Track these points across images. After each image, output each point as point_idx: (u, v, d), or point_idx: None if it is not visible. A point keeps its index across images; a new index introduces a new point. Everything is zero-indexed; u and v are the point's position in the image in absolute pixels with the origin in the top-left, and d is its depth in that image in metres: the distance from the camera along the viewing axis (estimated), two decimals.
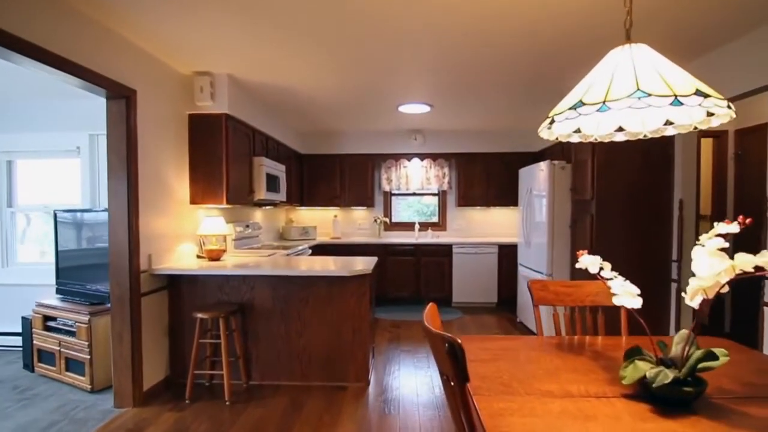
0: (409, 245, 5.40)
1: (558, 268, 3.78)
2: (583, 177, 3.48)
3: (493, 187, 5.64)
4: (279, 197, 4.50)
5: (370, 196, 5.72)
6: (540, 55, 3.08)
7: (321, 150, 5.77)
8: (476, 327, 4.49)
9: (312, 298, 2.97)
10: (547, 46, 2.94)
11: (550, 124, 1.41)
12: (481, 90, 3.83)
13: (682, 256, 3.16)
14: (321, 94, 3.98)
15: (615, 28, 2.74)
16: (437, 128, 5.56)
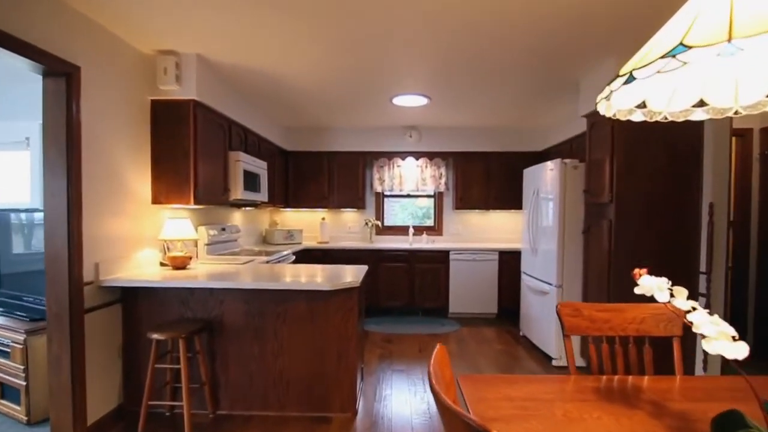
0: (402, 251, 4.99)
1: (569, 279, 3.39)
2: (599, 178, 3.10)
3: (493, 188, 5.26)
4: (260, 197, 4.06)
5: (360, 197, 5.31)
6: (551, 43, 2.72)
7: (308, 147, 5.34)
8: (475, 342, 4.10)
9: (291, 315, 2.54)
10: (559, 34, 2.56)
11: (608, 95, 1.01)
12: (483, 81, 3.45)
13: (712, 267, 2.79)
14: (307, 83, 3.56)
15: (635, 15, 2.40)
16: (433, 124, 5.16)
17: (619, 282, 2.91)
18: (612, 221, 2.93)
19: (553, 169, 3.48)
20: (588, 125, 3.30)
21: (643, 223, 2.91)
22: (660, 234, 2.90)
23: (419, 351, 3.79)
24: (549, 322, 3.49)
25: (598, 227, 3.11)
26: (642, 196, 2.91)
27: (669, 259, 2.91)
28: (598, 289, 3.10)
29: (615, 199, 2.91)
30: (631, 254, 2.92)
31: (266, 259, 3.51)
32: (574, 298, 3.39)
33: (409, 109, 4.35)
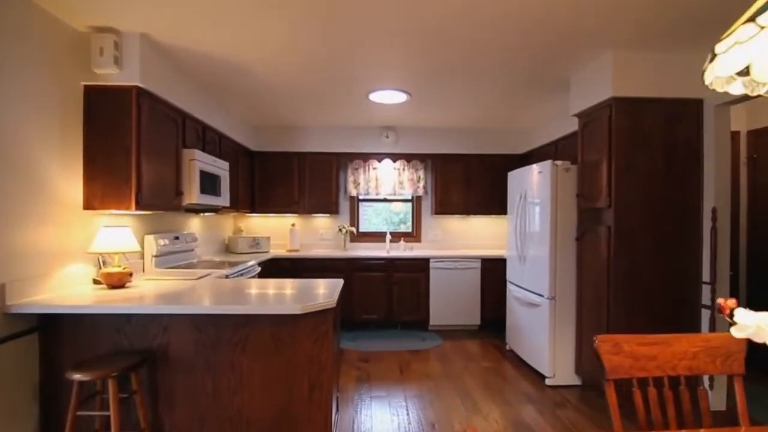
0: (379, 259, 4.64)
1: (562, 290, 3.14)
2: (594, 181, 2.86)
3: (473, 192, 5.00)
4: (220, 202, 3.61)
5: (334, 201, 4.92)
6: (541, 36, 2.47)
7: (277, 147, 4.91)
8: (461, 358, 3.78)
9: (252, 342, 2.13)
10: (550, 25, 2.31)
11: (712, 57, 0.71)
12: (467, 77, 3.16)
13: (716, 277, 2.59)
14: (275, 75, 3.16)
15: (635, 3, 2.18)
16: (412, 125, 4.85)
17: (619, 293, 2.67)
18: (611, 227, 2.69)
19: (542, 171, 3.23)
20: (580, 125, 3.07)
21: (642, 229, 2.68)
22: (659, 240, 2.69)
23: (400, 372, 3.43)
24: (541, 337, 3.22)
25: (594, 234, 2.87)
26: (641, 200, 2.68)
27: (669, 268, 2.70)
28: (595, 301, 2.85)
29: (614, 204, 2.67)
30: (631, 263, 2.68)
31: (226, 273, 3.07)
32: (568, 311, 3.14)
33: (387, 106, 4.01)
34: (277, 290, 2.36)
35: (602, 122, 2.76)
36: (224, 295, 2.23)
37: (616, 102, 2.66)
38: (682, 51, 2.63)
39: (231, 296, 2.20)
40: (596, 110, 2.84)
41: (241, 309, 1.97)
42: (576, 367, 3.13)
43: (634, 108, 2.67)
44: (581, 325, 3.05)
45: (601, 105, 2.77)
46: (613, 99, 2.65)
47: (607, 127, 2.71)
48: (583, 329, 3.03)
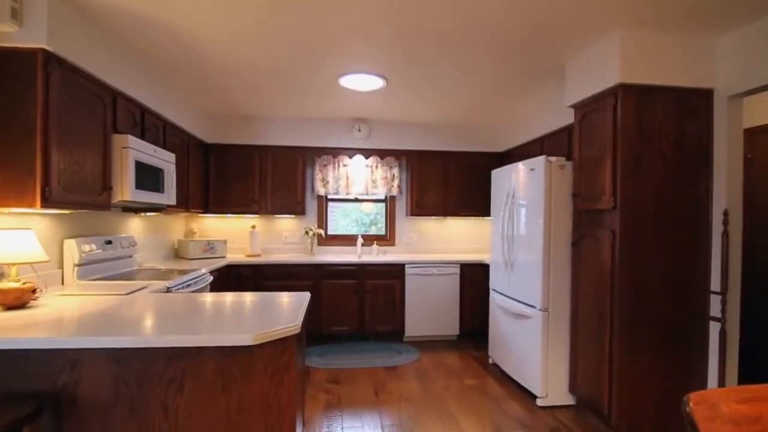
0: (350, 265, 4.20)
1: (556, 301, 2.83)
2: (595, 179, 2.57)
3: (451, 192, 4.66)
4: (163, 199, 3.06)
5: (300, 201, 4.44)
6: (533, 15, 2.15)
7: (235, 139, 4.37)
8: (441, 375, 3.41)
9: (191, 379, 1.65)
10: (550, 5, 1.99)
11: None
12: (451, 63, 2.80)
13: (727, 286, 2.35)
14: (232, 51, 2.67)
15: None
16: (386, 117, 4.46)
17: (624, 305, 2.38)
18: (616, 232, 2.40)
19: (534, 168, 2.92)
20: (577, 117, 2.78)
21: (651, 234, 2.41)
22: (667, 246, 2.42)
23: (375, 394, 3.02)
24: (532, 353, 2.90)
25: (594, 238, 2.58)
26: (650, 201, 2.41)
27: (676, 276, 2.44)
28: (595, 314, 2.56)
29: (620, 205, 2.38)
30: (638, 271, 2.40)
31: (168, 284, 2.54)
32: (563, 324, 2.84)
33: (360, 94, 3.59)
34: (227, 309, 1.88)
35: (606, 113, 2.47)
36: (158, 318, 1.73)
37: (624, 90, 2.37)
38: (697, 33, 2.38)
39: (166, 319, 1.71)
40: (598, 99, 2.55)
41: (172, 340, 1.49)
42: (570, 385, 2.83)
43: (642, 97, 2.39)
44: (576, 339, 2.76)
45: (605, 93, 2.48)
46: (621, 86, 2.36)
47: (611, 119, 2.42)
48: (579, 344, 2.73)
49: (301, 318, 1.73)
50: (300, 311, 1.82)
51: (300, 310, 1.85)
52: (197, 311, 1.84)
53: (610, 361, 2.43)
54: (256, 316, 1.74)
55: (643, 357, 2.41)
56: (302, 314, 1.80)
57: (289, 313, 1.80)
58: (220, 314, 1.79)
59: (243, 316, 1.75)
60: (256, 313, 1.80)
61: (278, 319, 1.68)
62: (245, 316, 1.75)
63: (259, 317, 1.73)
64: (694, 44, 2.42)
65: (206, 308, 1.90)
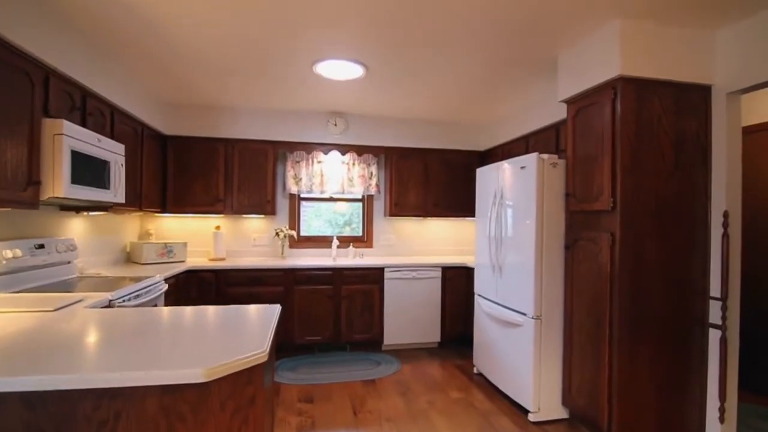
0: (325, 269, 3.90)
1: (550, 308, 2.64)
2: (591, 178, 2.39)
3: (432, 192, 4.44)
4: (108, 196, 2.66)
5: (269, 199, 4.09)
6: (530, 11, 1.97)
7: (198, 131, 3.97)
8: (424, 388, 3.17)
9: (128, 422, 1.31)
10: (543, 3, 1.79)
11: None
12: (436, 52, 2.57)
13: (728, 291, 2.22)
14: (194, 32, 2.32)
15: None
16: (364, 111, 4.18)
17: (624, 312, 2.21)
18: (615, 234, 2.22)
19: (525, 166, 2.72)
20: (571, 112, 2.60)
21: (651, 237, 2.25)
22: (665, 249, 2.27)
23: (354, 414, 2.73)
24: (523, 364, 2.70)
25: (591, 242, 2.40)
26: (649, 202, 2.25)
27: (675, 281, 2.29)
28: (592, 321, 2.38)
29: (620, 206, 2.20)
30: (638, 276, 2.23)
31: (110, 297, 2.16)
32: (557, 333, 2.65)
33: (337, 84, 3.30)
34: (178, 330, 1.55)
35: (603, 108, 2.30)
36: (87, 345, 1.38)
37: (624, 83, 2.20)
38: (696, 26, 2.25)
39: (97, 347, 1.37)
40: (595, 93, 2.37)
41: (96, 380, 1.15)
42: (563, 397, 2.64)
43: (641, 91, 2.23)
44: (570, 348, 2.58)
45: (603, 87, 2.31)
46: (621, 79, 2.19)
47: (610, 114, 2.25)
48: (573, 353, 2.55)
49: (270, 340, 1.43)
50: (268, 331, 1.51)
51: (268, 329, 1.55)
52: (140, 333, 1.50)
53: (610, 372, 2.26)
54: (213, 340, 1.43)
55: (643, 366, 2.25)
56: (271, 334, 1.50)
57: (254, 333, 1.49)
58: (169, 337, 1.46)
59: (197, 340, 1.43)
60: (213, 335, 1.48)
61: (240, 344, 1.37)
62: (200, 340, 1.43)
63: (218, 340, 1.42)
64: (693, 37, 2.28)
65: (152, 329, 1.56)
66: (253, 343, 1.37)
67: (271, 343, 1.45)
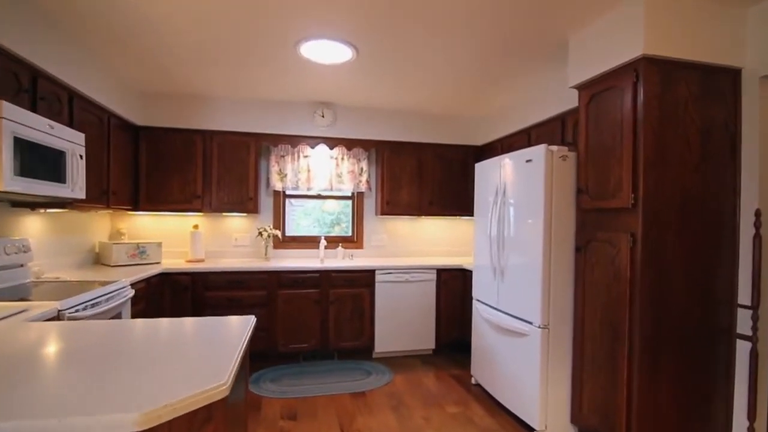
0: (311, 272, 3.61)
1: (559, 317, 2.40)
2: (608, 172, 2.15)
3: (427, 189, 4.18)
4: (64, 191, 2.35)
5: (252, 197, 3.79)
6: None
7: (173, 121, 3.66)
8: (419, 402, 2.91)
9: None
10: None
11: None
12: (433, 32, 2.30)
13: (759, 299, 2.00)
14: (165, 8, 2.03)
15: None
16: (354, 101, 3.90)
17: (646, 323, 1.97)
18: (636, 235, 1.98)
19: (532, 159, 2.47)
20: (583, 99, 2.36)
21: (673, 237, 2.02)
22: (690, 251, 2.04)
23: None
24: (529, 377, 2.45)
25: (608, 243, 2.16)
26: (674, 198, 2.01)
27: (699, 286, 2.06)
28: (608, 333, 2.14)
29: (642, 203, 1.96)
30: (662, 282, 2.00)
31: (59, 307, 1.86)
32: (566, 342, 2.41)
33: (325, 69, 3.02)
34: (123, 353, 1.26)
35: (623, 93, 2.06)
36: (4, 376, 1.09)
37: (647, 64, 1.96)
38: (727, 2, 2.02)
39: (16, 378, 1.07)
40: (613, 77, 2.13)
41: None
42: (572, 415, 2.41)
43: (666, 73, 1.99)
44: (581, 361, 2.34)
45: (623, 69, 2.07)
46: (644, 59, 1.95)
47: (631, 99, 2.00)
48: (584, 366, 2.31)
49: (236, 364, 1.15)
50: (235, 353, 1.24)
51: (236, 349, 1.27)
52: (74, 359, 1.20)
53: (628, 388, 2.02)
54: (164, 367, 1.14)
55: (664, 382, 2.02)
56: (239, 356, 1.22)
57: (218, 356, 1.21)
58: (109, 364, 1.17)
59: (143, 368, 1.14)
60: (166, 360, 1.19)
61: (199, 371, 1.09)
62: (147, 367, 1.14)
63: (170, 368, 1.13)
64: (722, 15, 2.05)
65: (91, 353, 1.27)
66: (215, 371, 1.09)
67: (238, 364, 1.17)
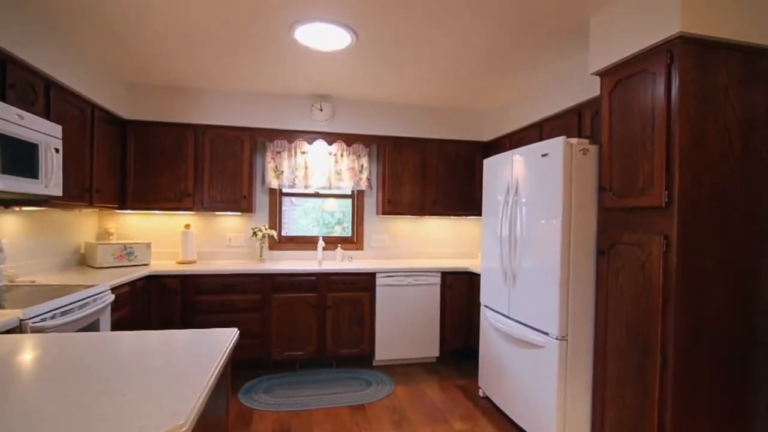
0: (308, 274, 3.40)
1: (578, 327, 2.17)
2: (636, 166, 1.93)
3: (430, 187, 3.96)
4: (37, 187, 2.14)
5: (246, 195, 3.58)
6: None
7: (163, 115, 3.45)
8: (423, 417, 2.69)
9: None
10: None
11: None
12: (440, 14, 2.08)
13: None
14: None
15: None
16: (354, 94, 3.69)
17: (681, 335, 1.74)
18: (671, 237, 1.76)
19: (548, 153, 2.25)
20: (607, 86, 2.13)
21: (711, 239, 1.79)
22: (730, 254, 1.81)
23: None
24: (545, 393, 2.23)
25: (635, 246, 1.93)
26: (714, 195, 1.78)
27: (738, 294, 1.83)
28: (636, 347, 1.91)
29: (678, 202, 1.74)
30: (699, 290, 1.77)
31: (21, 316, 1.65)
32: (586, 356, 2.18)
33: (322, 57, 2.80)
34: (69, 379, 1.05)
35: (654, 77, 1.83)
36: None
37: (683, 44, 1.73)
38: None
39: None
40: (642, 60, 1.90)
41: None
42: (591, 429, 2.18)
43: (704, 55, 1.76)
44: (603, 377, 2.11)
45: (654, 50, 1.84)
46: (680, 38, 1.72)
47: (664, 84, 1.78)
48: (607, 384, 2.09)
49: (200, 402, 0.93)
50: (202, 384, 1.02)
51: (204, 379, 1.05)
52: (12, 386, 0.99)
53: (660, 408, 1.80)
54: (112, 400, 0.92)
55: (701, 402, 1.79)
56: (206, 390, 1.00)
57: (183, 386, 1.00)
58: (51, 390, 0.96)
59: (85, 402, 0.92)
60: (117, 390, 0.98)
61: (154, 409, 0.87)
62: (92, 401, 0.93)
63: (120, 401, 0.91)
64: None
65: (36, 375, 1.06)
66: (173, 409, 0.87)
67: (205, 397, 0.96)
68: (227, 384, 1.43)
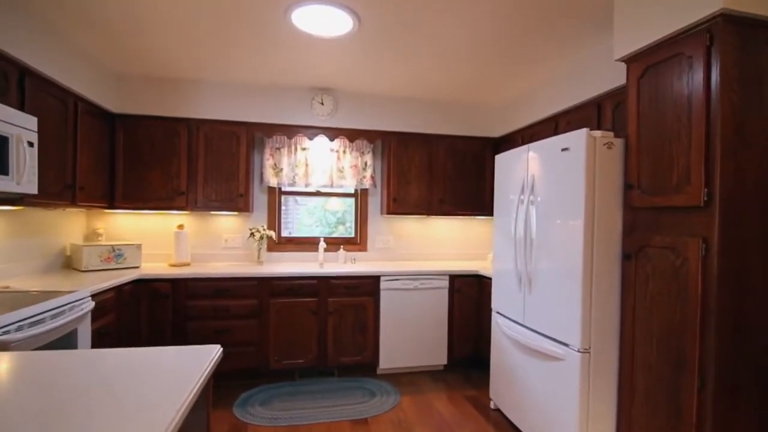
0: (308, 277, 3.21)
1: (602, 338, 1.98)
2: (669, 161, 1.73)
3: (437, 186, 3.76)
4: (7, 185, 1.97)
5: (243, 193, 3.40)
6: None
7: (154, 108, 3.27)
8: (432, 430, 2.50)
9: None
10: None
11: None
12: (445, 5, 1.90)
13: None
14: None
15: None
16: (356, 87, 3.49)
17: (723, 351, 1.54)
18: (711, 240, 1.56)
19: (569, 147, 2.05)
20: (634, 73, 1.93)
21: (756, 244, 1.59)
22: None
23: None
24: (564, 410, 2.04)
25: (668, 249, 1.73)
26: (758, 194, 1.59)
27: None
28: (668, 361, 1.71)
29: (720, 200, 1.54)
30: (742, 300, 1.57)
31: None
32: (611, 370, 1.99)
33: (322, 44, 2.62)
34: (20, 407, 0.86)
35: (691, 61, 1.63)
36: None
37: (725, 23, 1.53)
38: None
39: None
40: (677, 43, 1.71)
41: None
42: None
43: (747, 36, 1.56)
44: (630, 395, 1.92)
45: (690, 32, 1.64)
46: (721, 16, 1.53)
47: (703, 68, 1.58)
48: (635, 401, 1.89)
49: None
50: (165, 424, 0.83)
51: (173, 410, 0.86)
52: None
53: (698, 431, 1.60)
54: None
55: (744, 425, 1.59)
56: (178, 419, 0.82)
57: (146, 423, 0.81)
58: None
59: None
60: (72, 428, 0.79)
61: None
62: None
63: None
64: None
65: None
66: None
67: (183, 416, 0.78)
68: (207, 400, 1.25)
